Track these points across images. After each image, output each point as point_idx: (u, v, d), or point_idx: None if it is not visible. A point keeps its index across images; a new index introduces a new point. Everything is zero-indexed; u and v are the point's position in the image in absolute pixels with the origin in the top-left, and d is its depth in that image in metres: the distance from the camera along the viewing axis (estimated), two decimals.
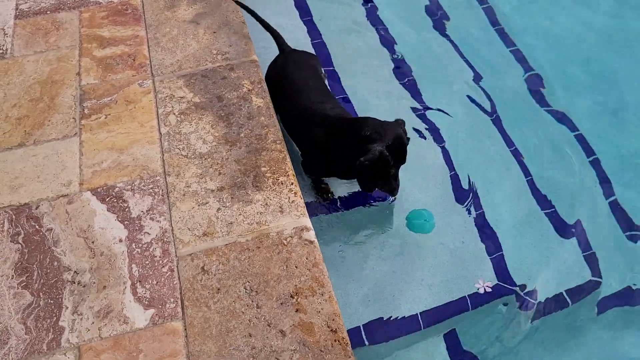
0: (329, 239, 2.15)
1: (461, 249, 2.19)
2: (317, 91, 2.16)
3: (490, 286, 2.11)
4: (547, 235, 2.26)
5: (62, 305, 1.62)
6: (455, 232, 2.22)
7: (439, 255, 2.17)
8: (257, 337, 1.52)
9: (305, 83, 2.17)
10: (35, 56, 2.37)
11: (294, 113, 2.13)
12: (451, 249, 2.18)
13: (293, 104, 2.13)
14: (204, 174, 1.92)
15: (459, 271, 2.13)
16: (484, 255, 2.17)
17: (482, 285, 2.11)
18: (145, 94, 2.19)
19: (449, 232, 2.23)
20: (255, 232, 1.75)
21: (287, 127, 2.23)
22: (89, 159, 1.98)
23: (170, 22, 2.49)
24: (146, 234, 1.77)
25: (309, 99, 2.10)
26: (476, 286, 2.10)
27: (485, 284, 2.11)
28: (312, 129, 2.05)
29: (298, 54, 2.34)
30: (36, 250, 1.74)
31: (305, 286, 1.62)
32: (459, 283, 2.12)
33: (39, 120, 2.11)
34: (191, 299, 1.61)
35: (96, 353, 1.52)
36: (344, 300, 2.00)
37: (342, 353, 1.49)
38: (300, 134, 2.15)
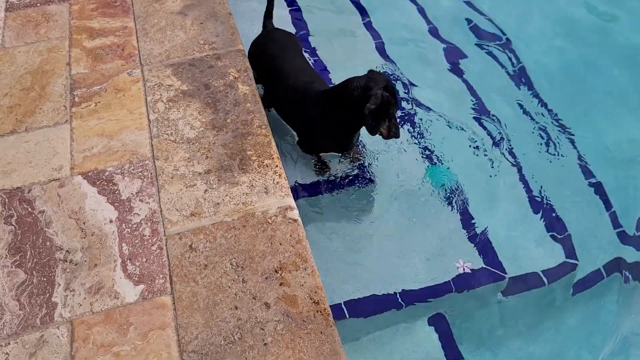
0: (316, 220, 2.22)
1: (444, 230, 2.26)
2: (304, 72, 2.25)
3: (469, 267, 2.18)
4: (527, 216, 2.34)
5: (55, 282, 1.68)
6: (439, 213, 2.29)
7: (423, 236, 2.24)
8: (242, 310, 1.59)
9: (293, 65, 2.25)
10: (26, 47, 2.42)
11: (287, 97, 2.22)
12: (435, 230, 2.25)
13: (284, 88, 2.22)
14: (191, 157, 1.98)
15: (442, 252, 2.21)
16: (465, 236, 2.25)
17: (462, 265, 2.19)
18: (134, 82, 2.25)
19: (430, 216, 2.30)
20: (241, 211, 1.82)
21: (281, 112, 2.33)
22: (79, 145, 2.04)
23: (159, 14, 2.55)
24: (136, 215, 1.83)
25: (300, 81, 2.19)
26: (456, 265, 2.18)
27: (465, 264, 2.19)
28: (308, 110, 2.14)
29: (280, 33, 2.42)
30: (29, 231, 1.80)
31: (289, 261, 1.69)
32: (443, 264, 2.19)
33: (31, 108, 2.17)
34: (179, 275, 1.68)
35: (88, 326, 1.58)
36: (329, 277, 2.07)
37: (323, 323, 1.56)
38: (297, 116, 2.25)
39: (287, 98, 2.23)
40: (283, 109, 2.32)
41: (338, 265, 2.16)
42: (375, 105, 1.92)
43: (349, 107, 2.00)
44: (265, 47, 2.34)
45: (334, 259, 2.17)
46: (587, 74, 3.10)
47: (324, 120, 2.11)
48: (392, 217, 2.28)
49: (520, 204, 2.40)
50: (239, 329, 1.56)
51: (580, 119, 2.84)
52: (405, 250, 2.20)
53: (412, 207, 2.31)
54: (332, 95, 2.09)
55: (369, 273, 2.13)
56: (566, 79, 3.06)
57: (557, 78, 3.05)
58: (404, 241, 2.23)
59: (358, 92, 1.96)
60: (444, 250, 2.22)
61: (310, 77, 2.23)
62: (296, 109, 2.22)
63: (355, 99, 1.96)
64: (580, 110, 2.88)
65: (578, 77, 3.07)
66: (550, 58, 3.17)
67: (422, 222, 2.30)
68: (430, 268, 2.16)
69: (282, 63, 2.25)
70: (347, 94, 2.00)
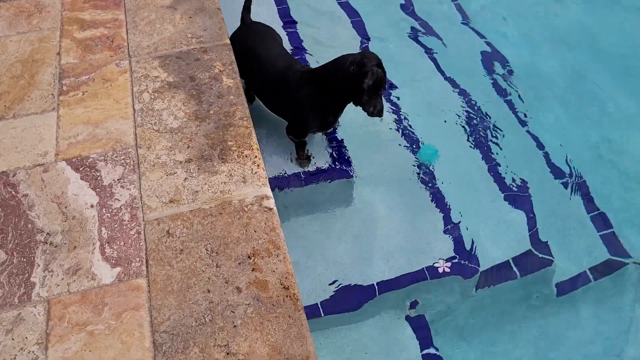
0: (294, 212, 2.27)
1: (419, 222, 2.31)
2: (283, 57, 2.36)
3: (449, 266, 2.23)
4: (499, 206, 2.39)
5: (34, 263, 1.72)
6: (413, 206, 2.34)
7: (397, 227, 2.29)
8: (214, 293, 1.64)
9: (271, 52, 2.36)
10: (18, 37, 2.48)
11: (270, 83, 2.33)
12: (409, 222, 2.30)
13: (265, 74, 2.33)
14: (173, 147, 2.03)
15: (416, 244, 2.26)
16: (440, 228, 2.30)
17: (442, 265, 2.23)
18: (121, 73, 2.30)
19: (408, 209, 2.35)
20: (219, 199, 1.87)
21: (266, 101, 2.42)
22: (65, 132, 2.09)
23: (149, 7, 2.61)
24: (116, 200, 1.88)
25: (279, 65, 2.31)
26: (436, 265, 2.22)
27: (445, 265, 2.24)
28: (295, 91, 2.24)
29: (258, 25, 2.53)
30: (12, 214, 1.85)
31: (262, 248, 1.74)
32: (417, 256, 2.24)
33: (19, 96, 2.22)
34: (155, 259, 1.72)
35: (64, 306, 1.63)
36: (306, 274, 2.12)
37: (292, 307, 1.61)
38: (282, 100, 2.33)
39: (269, 84, 2.34)
40: (268, 97, 2.42)
41: (314, 258, 2.21)
42: (373, 82, 2.05)
43: (342, 83, 2.12)
44: (245, 39, 2.44)
45: (310, 251, 2.22)
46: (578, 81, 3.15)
47: (314, 99, 2.21)
48: (369, 209, 2.33)
49: (495, 198, 2.45)
50: (210, 312, 1.60)
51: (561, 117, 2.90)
52: (380, 243, 2.25)
53: (391, 197, 2.36)
54: (324, 72, 2.19)
55: (343, 266, 2.18)
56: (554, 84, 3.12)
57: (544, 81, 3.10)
58: (379, 233, 2.28)
59: (354, 69, 2.07)
60: (420, 244, 2.27)
61: (289, 61, 2.34)
62: (281, 93, 2.31)
63: (350, 75, 2.08)
64: (562, 108, 2.93)
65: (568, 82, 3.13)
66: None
67: (400, 214, 2.35)
68: (405, 260, 2.21)
69: (261, 52, 2.36)
70: (341, 70, 2.11)
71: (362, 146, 2.49)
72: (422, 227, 2.29)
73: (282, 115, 2.42)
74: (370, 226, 2.30)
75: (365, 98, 2.09)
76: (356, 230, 2.31)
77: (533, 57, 3.19)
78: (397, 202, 2.36)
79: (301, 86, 2.22)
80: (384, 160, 2.50)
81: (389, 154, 2.52)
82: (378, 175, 2.43)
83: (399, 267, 2.19)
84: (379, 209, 2.35)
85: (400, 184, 2.42)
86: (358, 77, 2.06)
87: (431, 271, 2.21)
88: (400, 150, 2.56)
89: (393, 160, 2.51)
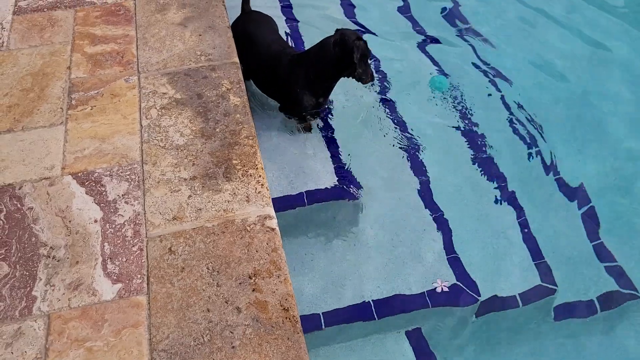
0: (295, 231, 2.28)
1: (419, 246, 2.31)
2: (277, 43, 2.59)
3: (447, 286, 2.23)
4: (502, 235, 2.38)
5: (37, 277, 1.73)
6: (414, 229, 2.34)
7: (397, 250, 2.29)
8: (214, 312, 1.64)
9: (266, 38, 2.59)
10: (30, 50, 2.51)
11: (264, 66, 2.54)
12: (409, 246, 2.30)
13: (258, 57, 2.55)
14: (178, 164, 2.04)
15: (416, 267, 2.25)
16: (441, 252, 2.29)
17: (440, 284, 2.23)
18: (130, 88, 2.33)
19: (408, 229, 2.35)
20: (222, 218, 1.88)
21: (260, 83, 2.65)
22: (72, 146, 2.11)
23: (160, 24, 2.64)
24: (120, 216, 1.89)
25: (273, 49, 2.53)
26: (434, 285, 2.22)
27: (443, 284, 2.23)
28: (287, 74, 2.44)
29: (257, 14, 2.76)
30: (16, 226, 1.86)
31: (263, 268, 1.74)
32: (417, 279, 2.24)
33: (29, 109, 2.25)
34: (157, 276, 1.73)
35: (64, 321, 1.63)
36: (304, 287, 2.12)
37: (291, 329, 1.61)
38: (275, 83, 2.52)
39: (263, 67, 2.55)
40: (261, 80, 2.64)
41: (318, 275, 2.21)
42: (360, 54, 2.26)
43: (333, 63, 2.33)
44: (244, 26, 2.66)
45: (316, 268, 2.22)
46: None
47: (304, 81, 2.40)
48: (372, 230, 2.34)
49: (502, 227, 2.44)
50: (209, 331, 1.60)
51: (573, 143, 2.89)
52: (381, 265, 2.24)
53: (396, 222, 2.37)
54: (312, 56, 2.39)
55: (346, 284, 2.18)
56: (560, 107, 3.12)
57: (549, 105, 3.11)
58: (383, 256, 2.27)
59: (338, 50, 2.29)
60: (423, 268, 2.26)
61: (282, 46, 2.57)
62: (273, 76, 2.51)
63: (337, 56, 2.29)
64: (573, 135, 2.93)
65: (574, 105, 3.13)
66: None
67: (404, 239, 2.35)
68: (403, 282, 2.21)
69: (258, 37, 2.58)
70: (328, 53, 2.31)
71: (367, 170, 2.51)
72: (423, 251, 2.29)
73: (275, 96, 2.64)
74: (371, 247, 2.30)
75: (358, 70, 2.30)
76: (358, 251, 2.30)
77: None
78: (401, 224, 2.36)
79: (292, 70, 2.42)
80: (388, 183, 2.50)
81: (395, 177, 2.53)
82: (381, 197, 2.44)
83: (398, 289, 2.18)
84: (381, 231, 2.35)
85: (404, 207, 2.42)
86: (346, 55, 2.27)
87: (432, 296, 2.20)
88: (406, 173, 2.56)
89: (397, 183, 2.51)
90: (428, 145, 2.70)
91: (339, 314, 2.12)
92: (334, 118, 2.73)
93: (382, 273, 2.23)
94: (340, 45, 2.28)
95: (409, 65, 3.18)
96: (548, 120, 2.95)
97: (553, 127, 2.92)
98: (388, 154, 2.63)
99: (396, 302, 2.15)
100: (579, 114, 3.04)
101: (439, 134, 2.78)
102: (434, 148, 2.70)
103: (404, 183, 2.52)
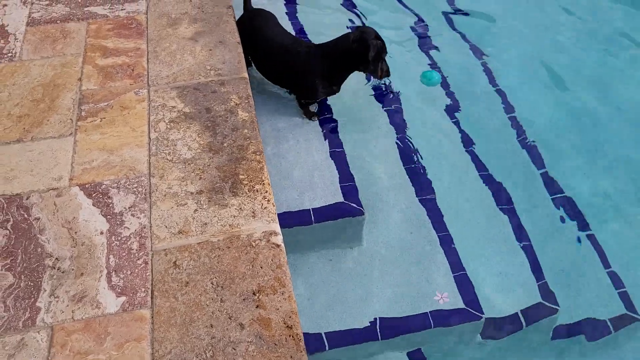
0: (300, 247, 2.27)
1: (424, 265, 2.30)
2: (287, 35, 2.73)
3: (447, 297, 2.21)
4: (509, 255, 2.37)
5: (41, 288, 1.73)
6: (420, 248, 2.33)
7: (403, 269, 2.28)
8: (217, 328, 1.63)
9: (275, 31, 2.72)
10: (42, 61, 2.54)
11: (276, 58, 2.66)
12: (415, 265, 2.29)
13: (270, 49, 2.67)
14: (185, 177, 2.05)
15: (421, 287, 2.24)
16: (447, 271, 2.28)
17: (440, 297, 2.22)
18: (139, 101, 2.35)
19: (414, 248, 2.34)
20: (227, 233, 1.88)
21: (272, 75, 2.77)
22: (80, 157, 2.12)
23: (171, 38, 2.66)
24: (126, 229, 1.89)
25: (285, 43, 2.66)
26: (435, 298, 2.21)
27: (443, 295, 2.22)
28: (304, 64, 2.58)
29: (260, 10, 2.87)
30: (22, 236, 1.87)
31: (267, 285, 1.74)
32: (422, 298, 2.23)
33: (39, 119, 2.27)
34: (161, 290, 1.73)
35: (67, 333, 1.63)
36: (308, 305, 2.11)
37: (294, 347, 1.60)
38: (291, 72, 2.65)
39: (276, 59, 2.67)
40: (274, 71, 2.75)
41: (321, 293, 2.20)
42: (377, 50, 2.44)
43: (349, 58, 2.51)
44: (250, 22, 2.77)
45: (319, 286, 2.21)
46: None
47: (322, 71, 2.55)
48: (378, 248, 2.33)
49: (506, 247, 2.43)
50: (212, 347, 1.60)
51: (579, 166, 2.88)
52: (386, 283, 2.23)
53: (402, 240, 2.36)
54: (330, 49, 2.55)
55: (350, 302, 2.17)
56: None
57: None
58: (387, 273, 2.26)
59: (356, 45, 2.45)
60: (426, 286, 2.25)
61: (293, 38, 2.72)
62: (288, 66, 2.64)
63: (354, 51, 2.46)
64: (578, 158, 2.92)
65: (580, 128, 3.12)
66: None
67: (408, 256, 2.34)
68: (408, 303, 2.19)
69: (267, 32, 2.71)
70: (346, 48, 2.49)
71: (373, 187, 2.51)
72: (429, 270, 2.28)
73: (288, 86, 2.78)
74: (376, 266, 2.29)
75: (371, 67, 2.50)
76: (362, 269, 2.30)
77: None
78: (406, 242, 2.35)
79: (309, 60, 2.56)
80: (394, 200, 2.50)
81: (399, 196, 2.53)
82: (387, 215, 2.43)
83: (402, 310, 2.17)
84: (387, 250, 2.34)
85: (410, 225, 2.41)
86: (362, 51, 2.44)
87: (437, 317, 2.18)
88: (413, 191, 2.56)
89: (403, 200, 2.51)
90: (435, 163, 2.70)
91: (343, 335, 2.10)
92: (341, 132, 2.74)
93: (387, 292, 2.22)
94: (358, 42, 2.45)
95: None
96: (558, 137, 2.95)
97: (561, 145, 2.92)
98: (395, 170, 2.63)
99: (401, 323, 2.13)
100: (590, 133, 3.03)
101: (447, 152, 2.78)
102: (441, 166, 2.70)
103: (410, 201, 2.51)
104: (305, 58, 2.59)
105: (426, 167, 2.64)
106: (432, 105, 3.04)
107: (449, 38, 3.58)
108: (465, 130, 2.91)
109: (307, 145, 2.64)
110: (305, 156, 2.57)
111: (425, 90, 3.14)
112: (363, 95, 3.04)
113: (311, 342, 2.07)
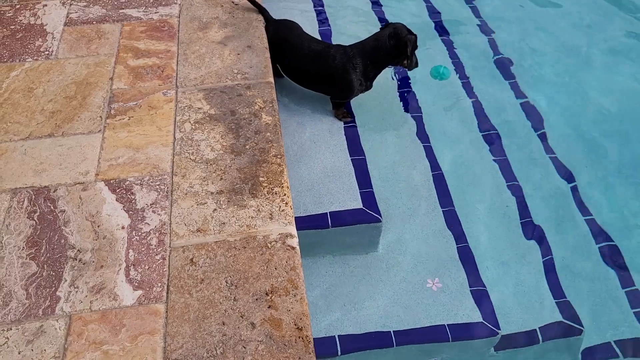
0: (316, 251, 2.28)
1: (441, 275, 2.28)
2: (315, 41, 2.80)
3: (438, 282, 2.20)
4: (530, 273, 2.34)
5: (62, 277, 1.79)
6: (439, 261, 2.32)
7: (420, 278, 2.27)
8: (229, 326, 1.66)
9: (303, 38, 2.78)
10: (76, 59, 2.63)
11: (309, 63, 2.73)
12: (432, 274, 2.27)
13: (303, 59, 2.74)
14: (207, 177, 2.09)
15: (437, 296, 2.23)
16: (463, 282, 2.26)
17: (432, 283, 2.20)
18: (167, 102, 2.40)
19: (433, 261, 2.33)
20: (244, 233, 1.90)
21: (305, 81, 2.85)
22: (107, 154, 2.18)
23: (201, 42, 2.72)
24: (146, 224, 1.94)
25: (316, 48, 2.73)
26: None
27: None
28: (342, 65, 2.66)
29: (283, 20, 2.90)
30: (48, 227, 1.93)
31: (280, 286, 1.75)
32: (438, 309, 2.21)
33: (70, 116, 2.34)
34: (176, 286, 1.76)
35: (84, 323, 1.68)
36: (322, 309, 2.11)
37: (303, 349, 1.61)
38: (326, 76, 2.72)
39: (308, 64, 2.74)
40: (306, 76, 2.82)
41: (335, 297, 2.20)
42: (412, 44, 2.63)
43: (387, 54, 2.65)
44: (276, 32, 2.80)
45: (334, 291, 2.22)
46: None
47: (361, 69, 2.67)
48: (394, 255, 2.33)
49: (527, 261, 2.40)
50: (223, 344, 1.62)
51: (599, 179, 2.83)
52: (402, 291, 2.22)
53: (419, 248, 2.35)
54: (368, 47, 2.67)
55: (365, 309, 2.17)
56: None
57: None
58: (404, 281, 2.26)
59: (392, 42, 2.62)
60: (442, 298, 2.23)
61: (323, 43, 2.80)
62: (322, 70, 2.71)
63: (392, 48, 2.63)
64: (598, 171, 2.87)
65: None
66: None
67: (427, 267, 2.33)
68: (424, 313, 2.18)
69: (295, 40, 2.77)
70: (383, 45, 2.64)
71: (393, 194, 2.51)
72: (445, 281, 2.26)
73: (322, 89, 2.84)
74: (392, 273, 2.29)
75: (406, 62, 2.68)
76: (379, 275, 2.29)
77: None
78: (424, 251, 2.34)
79: (348, 61, 2.66)
80: (413, 208, 2.50)
81: (419, 204, 2.52)
82: (406, 222, 2.43)
83: (418, 318, 2.16)
84: (403, 258, 2.33)
85: (428, 233, 2.40)
86: (400, 47, 2.62)
87: (453, 329, 2.16)
88: (432, 199, 2.55)
89: (423, 209, 2.50)
90: (459, 173, 2.68)
91: (356, 339, 2.10)
92: (362, 138, 2.75)
93: (403, 300, 2.21)
94: (394, 38, 2.61)
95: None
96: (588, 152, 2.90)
97: (588, 159, 2.87)
98: (416, 178, 2.62)
99: (416, 333, 2.11)
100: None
101: (471, 162, 2.76)
102: (464, 177, 2.68)
103: (430, 209, 2.50)
104: (342, 59, 2.67)
105: (447, 177, 2.63)
106: (457, 114, 3.03)
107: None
108: (491, 139, 2.89)
109: (328, 150, 2.66)
110: (325, 161, 2.59)
111: (450, 99, 3.12)
112: (386, 103, 3.05)
113: (324, 346, 2.08)
